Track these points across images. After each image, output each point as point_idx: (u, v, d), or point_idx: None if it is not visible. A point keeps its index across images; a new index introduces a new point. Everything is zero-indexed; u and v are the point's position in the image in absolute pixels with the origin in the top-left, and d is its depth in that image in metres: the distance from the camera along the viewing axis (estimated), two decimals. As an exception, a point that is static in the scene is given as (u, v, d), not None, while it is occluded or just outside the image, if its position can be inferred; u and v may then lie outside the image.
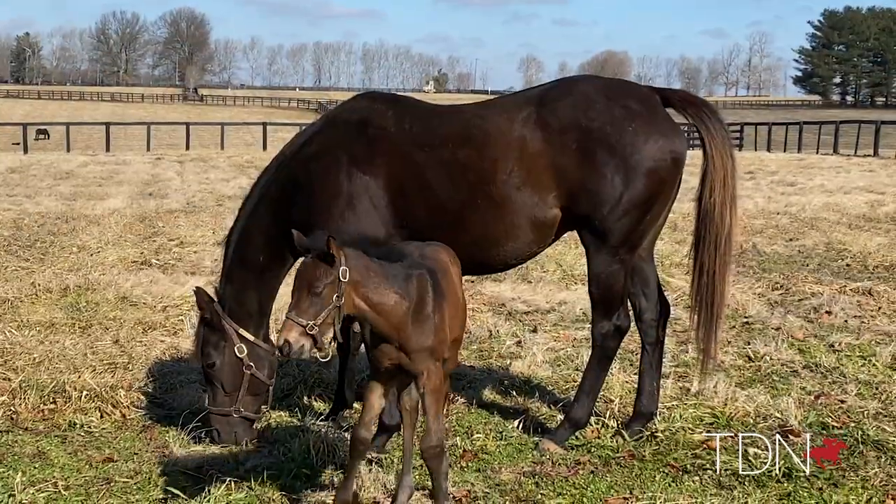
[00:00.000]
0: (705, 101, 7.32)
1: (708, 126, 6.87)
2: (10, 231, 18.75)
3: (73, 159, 44.29)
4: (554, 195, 6.70)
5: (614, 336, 6.97)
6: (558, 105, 6.73)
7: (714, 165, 6.82)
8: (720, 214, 6.83)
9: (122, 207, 23.06)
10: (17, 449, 7.17)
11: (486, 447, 7.10)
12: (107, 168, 37.93)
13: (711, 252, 6.92)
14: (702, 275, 7.01)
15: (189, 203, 24.41)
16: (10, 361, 9.19)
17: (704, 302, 7.04)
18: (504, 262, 7.08)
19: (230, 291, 7.39)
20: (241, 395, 7.29)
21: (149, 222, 20.20)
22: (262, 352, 7.36)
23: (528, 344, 9.98)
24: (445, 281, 5.60)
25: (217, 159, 44.97)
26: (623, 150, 6.58)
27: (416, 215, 6.91)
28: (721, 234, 6.87)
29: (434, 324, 5.39)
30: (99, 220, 20.28)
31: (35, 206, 23.48)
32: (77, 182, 31.30)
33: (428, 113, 7.23)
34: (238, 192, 27.30)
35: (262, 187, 7.38)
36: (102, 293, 12.37)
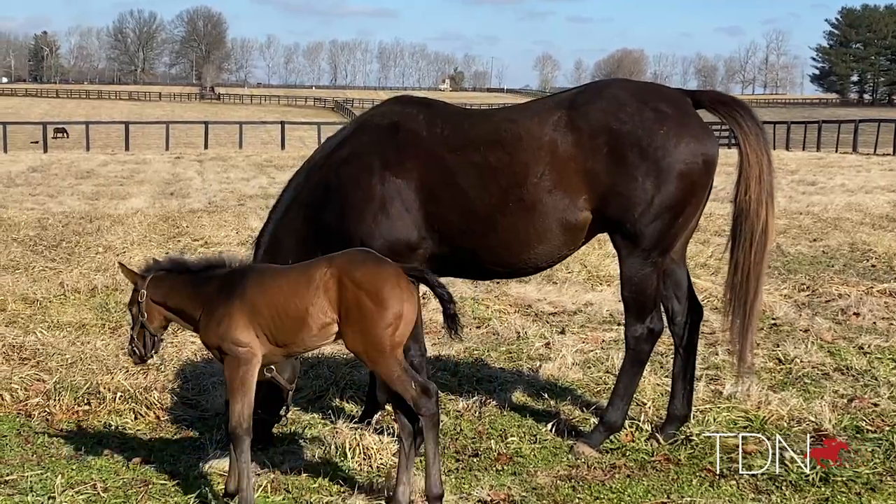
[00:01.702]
0: (736, 98, 7.30)
1: (741, 123, 6.85)
2: (35, 231, 18.87)
3: (94, 158, 44.56)
4: (584, 198, 6.71)
5: (647, 339, 6.97)
6: (589, 108, 6.73)
7: (749, 162, 6.80)
8: (755, 212, 6.79)
9: (145, 207, 23.19)
10: (53, 450, 7.22)
11: (520, 450, 7.11)
12: (127, 167, 38.14)
13: (746, 249, 6.87)
14: (736, 273, 6.97)
15: (211, 203, 24.50)
16: (44, 363, 9.27)
17: (739, 301, 6.99)
18: (534, 264, 7.09)
19: None
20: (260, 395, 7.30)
21: (172, 222, 20.29)
22: None
23: (557, 346, 9.99)
24: (260, 286, 5.86)
25: (236, 158, 45.14)
26: (654, 154, 6.58)
27: (448, 219, 6.94)
28: (756, 230, 6.81)
29: (217, 321, 5.86)
30: (123, 220, 20.39)
31: (58, 205, 23.64)
32: (98, 181, 31.47)
33: (459, 116, 7.25)
34: (258, 191, 27.44)
35: (292, 191, 7.43)
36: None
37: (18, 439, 7.44)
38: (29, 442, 7.39)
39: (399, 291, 5.63)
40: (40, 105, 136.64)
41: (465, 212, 6.88)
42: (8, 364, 9.19)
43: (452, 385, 8.73)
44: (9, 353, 9.49)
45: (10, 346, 9.69)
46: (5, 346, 9.64)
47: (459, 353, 9.83)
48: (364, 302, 5.59)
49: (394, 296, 5.60)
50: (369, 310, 5.58)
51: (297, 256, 7.33)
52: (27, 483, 6.45)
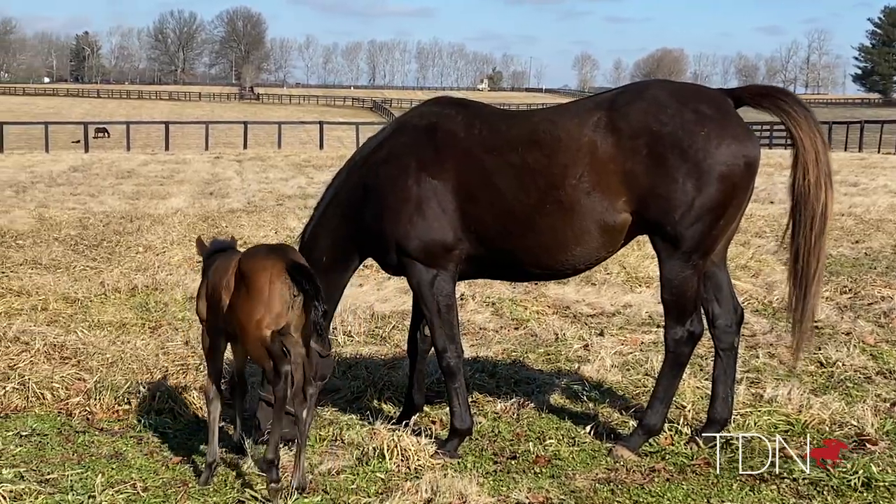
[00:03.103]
0: (777, 87, 7.19)
1: (787, 111, 6.74)
2: (76, 230, 19.06)
3: (134, 158, 44.96)
4: (624, 200, 6.66)
5: (687, 342, 6.90)
6: (629, 109, 6.68)
7: (804, 146, 6.68)
8: (815, 195, 6.65)
9: (185, 207, 23.36)
10: (94, 449, 7.27)
11: (559, 453, 7.07)
12: (167, 167, 38.43)
13: (807, 234, 6.73)
14: (797, 260, 6.85)
15: (250, 203, 24.64)
16: (84, 362, 9.33)
17: (800, 286, 6.86)
18: (573, 266, 7.05)
19: None
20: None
21: (212, 222, 20.43)
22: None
23: (596, 348, 9.94)
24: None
25: (275, 158, 45.37)
26: (695, 155, 6.51)
27: (485, 220, 6.92)
28: (817, 213, 6.68)
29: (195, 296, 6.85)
30: (163, 220, 20.56)
31: (99, 205, 23.86)
32: (139, 181, 31.74)
33: (497, 117, 7.23)
34: (297, 191, 27.57)
35: (332, 191, 7.47)
36: (170, 293, 12.52)
37: (59, 438, 7.50)
38: (69, 441, 7.44)
39: (268, 282, 6.05)
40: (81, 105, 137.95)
41: (503, 213, 6.86)
42: (49, 363, 9.26)
43: (490, 387, 8.70)
44: (50, 353, 9.55)
45: (52, 345, 9.75)
46: (46, 345, 9.70)
47: (498, 355, 9.81)
48: (242, 287, 6.17)
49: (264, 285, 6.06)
50: (243, 294, 6.15)
51: (333, 255, 7.40)
52: (68, 482, 6.50)
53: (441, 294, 7.04)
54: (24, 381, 8.48)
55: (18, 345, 9.78)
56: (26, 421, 7.84)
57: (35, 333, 10.15)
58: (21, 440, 7.40)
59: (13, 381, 8.50)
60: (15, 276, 13.68)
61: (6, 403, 8.23)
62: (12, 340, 9.91)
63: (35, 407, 8.19)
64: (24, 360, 9.33)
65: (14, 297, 12.38)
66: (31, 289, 12.76)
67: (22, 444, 7.31)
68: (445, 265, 7.02)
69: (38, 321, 11.03)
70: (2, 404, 8.22)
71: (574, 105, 7.08)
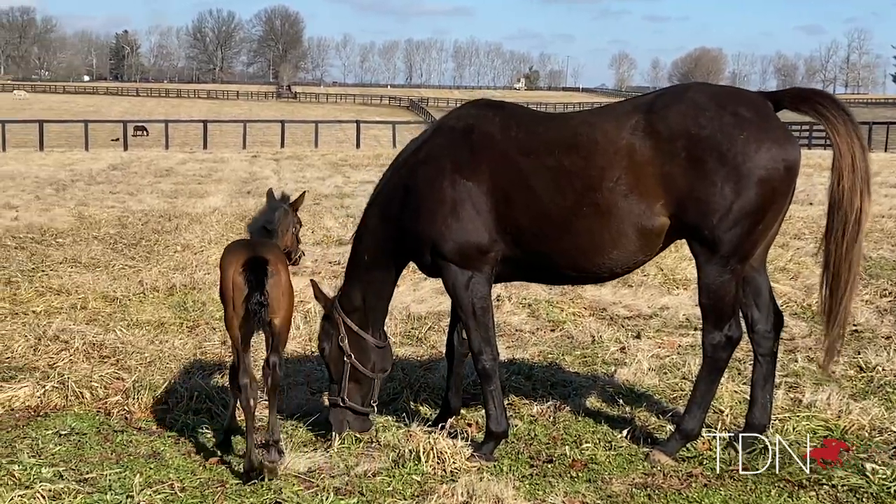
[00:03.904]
0: (818, 90, 7.10)
1: (826, 115, 6.66)
2: (115, 229, 19.22)
3: (172, 156, 45.22)
4: (662, 203, 6.61)
5: (725, 347, 6.84)
6: (667, 112, 6.63)
7: (840, 151, 6.60)
8: (849, 201, 6.56)
9: (222, 206, 23.49)
10: (132, 449, 7.31)
11: (595, 457, 7.04)
12: (205, 166, 38.64)
13: (838, 239, 6.65)
14: (828, 266, 6.78)
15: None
16: (123, 361, 9.41)
17: (832, 292, 6.79)
18: (610, 270, 7.01)
19: (343, 285, 7.73)
20: (344, 384, 7.47)
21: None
22: (364, 343, 7.52)
23: (633, 350, 9.90)
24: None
25: (311, 157, 45.51)
26: (734, 159, 6.45)
27: (520, 222, 6.90)
28: (850, 219, 6.59)
29: None
30: (200, 219, 20.68)
31: (138, 203, 24.03)
32: (177, 180, 31.94)
33: (534, 119, 7.21)
34: (334, 190, 27.65)
35: (376, 191, 7.53)
36: (208, 293, 12.58)
37: (98, 437, 7.55)
38: (108, 440, 7.50)
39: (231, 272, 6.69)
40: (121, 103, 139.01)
41: (539, 215, 6.84)
42: (88, 362, 9.35)
43: (526, 389, 8.68)
44: (89, 351, 9.65)
45: (91, 343, 9.85)
46: (86, 343, 9.80)
47: (534, 357, 9.79)
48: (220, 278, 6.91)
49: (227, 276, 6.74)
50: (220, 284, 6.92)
51: (374, 255, 7.47)
52: (106, 481, 6.54)
53: (476, 296, 7.04)
54: (63, 380, 8.57)
55: (58, 343, 9.89)
56: (65, 420, 7.90)
57: (74, 332, 10.25)
58: (60, 439, 7.46)
59: (53, 379, 8.59)
60: (55, 275, 13.82)
61: (46, 402, 8.31)
62: (52, 339, 10.01)
63: (74, 406, 8.26)
64: (63, 358, 9.44)
65: (54, 295, 12.51)
66: (71, 287, 12.89)
67: (61, 442, 7.37)
68: (481, 267, 7.01)
69: (77, 320, 11.13)
70: (41, 402, 8.30)
71: (612, 108, 7.04)
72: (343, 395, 7.48)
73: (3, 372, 9.09)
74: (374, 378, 7.55)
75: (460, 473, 6.65)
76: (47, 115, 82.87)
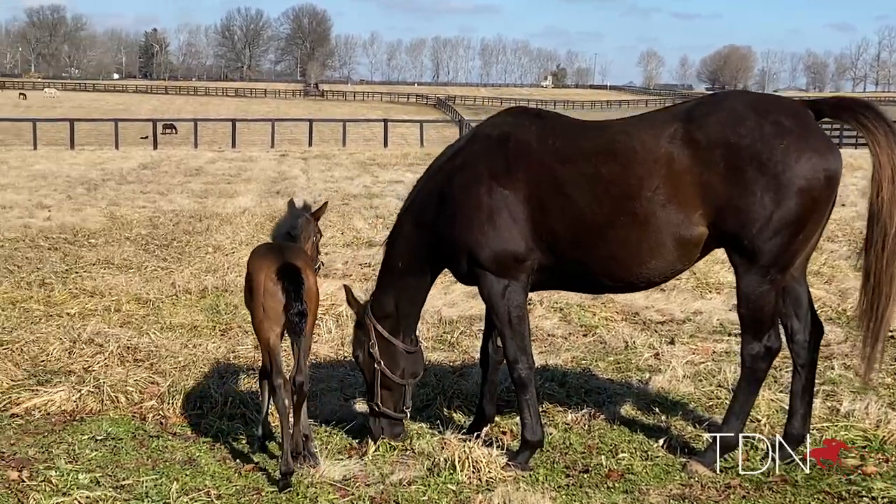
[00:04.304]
0: (859, 100, 7.00)
1: (867, 125, 6.57)
2: (147, 230, 19.32)
3: (202, 155, 45.39)
4: (700, 213, 6.56)
5: (764, 358, 6.77)
6: (706, 121, 6.57)
7: (880, 163, 6.51)
8: (888, 213, 6.49)
9: (252, 206, 23.55)
10: (167, 455, 7.33)
11: (632, 467, 6.99)
12: (234, 165, 38.78)
13: (878, 252, 6.56)
14: (868, 278, 6.71)
15: (316, 202, 24.64)
16: (157, 365, 9.45)
17: (871, 304, 6.72)
18: (647, 279, 6.96)
19: (375, 291, 7.70)
20: (376, 390, 7.49)
21: (279, 222, 20.50)
22: (394, 349, 7.50)
23: (667, 356, 9.84)
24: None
25: (339, 156, 45.57)
26: (774, 169, 6.38)
27: (557, 230, 6.86)
28: (889, 233, 6.50)
29: None
30: (231, 220, 20.74)
31: (168, 203, 24.14)
32: (207, 179, 32.06)
33: (571, 128, 7.17)
34: (362, 190, 27.65)
35: (411, 197, 7.52)
36: (240, 295, 12.56)
37: (133, 443, 7.57)
38: (144, 446, 7.52)
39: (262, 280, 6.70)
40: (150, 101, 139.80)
41: (576, 224, 6.80)
42: (123, 366, 9.40)
43: (560, 396, 8.64)
44: (124, 355, 9.69)
45: (125, 347, 9.90)
46: (120, 347, 9.85)
47: (567, 363, 9.75)
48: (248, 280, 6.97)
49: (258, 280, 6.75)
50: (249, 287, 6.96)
51: (408, 261, 7.46)
52: (143, 488, 6.56)
53: (512, 305, 7.01)
54: (98, 384, 8.61)
55: (93, 346, 9.95)
56: (101, 424, 7.94)
57: (109, 335, 10.31)
58: (96, 444, 7.49)
59: (88, 383, 8.64)
60: (88, 277, 13.91)
61: (81, 406, 8.36)
62: (87, 342, 10.07)
63: (109, 410, 8.31)
64: (98, 361, 9.50)
65: (88, 297, 12.59)
66: (105, 289, 12.97)
67: (97, 448, 7.40)
68: (517, 276, 6.98)
69: (111, 322, 11.19)
70: (77, 407, 8.34)
71: (650, 116, 6.99)
72: (376, 402, 7.47)
73: (40, 375, 9.16)
74: (404, 384, 7.53)
75: (496, 483, 6.63)
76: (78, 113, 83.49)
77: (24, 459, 7.12)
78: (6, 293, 12.81)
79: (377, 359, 7.46)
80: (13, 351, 9.84)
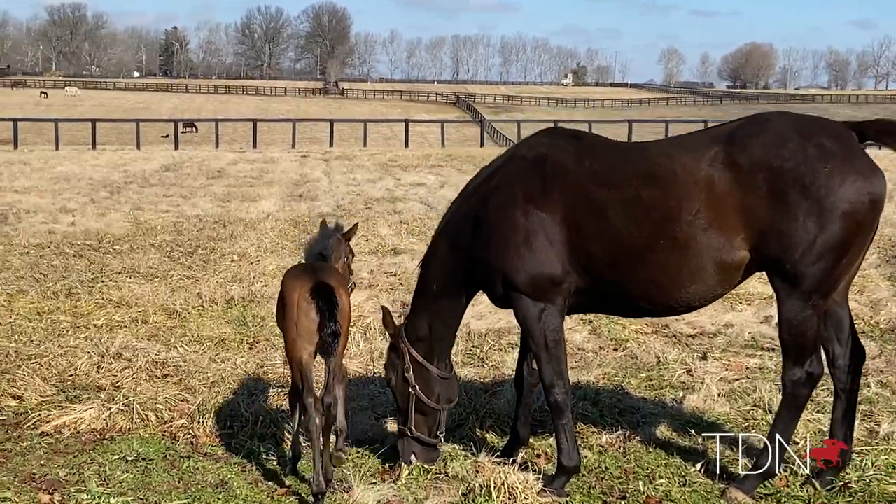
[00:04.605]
0: None
1: None
2: (171, 236, 19.30)
3: (223, 156, 45.46)
4: (742, 237, 6.44)
5: (806, 384, 6.65)
6: (748, 143, 6.45)
7: None
8: None
9: (275, 210, 23.51)
10: (199, 477, 7.26)
11: (670, 493, 6.87)
12: (256, 167, 38.79)
13: None
14: None
15: (339, 206, 24.67)
16: (185, 381, 9.38)
17: None
18: (687, 303, 6.85)
19: (410, 314, 7.61)
20: (410, 415, 7.37)
21: (302, 227, 20.50)
22: (428, 374, 7.41)
23: (699, 373, 9.72)
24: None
25: (361, 157, 45.54)
26: (817, 192, 6.26)
27: (595, 254, 6.75)
28: None
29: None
30: (255, 225, 20.71)
31: (192, 207, 24.13)
32: (229, 181, 32.07)
33: (610, 150, 7.06)
34: (385, 194, 27.59)
35: (445, 219, 7.42)
36: (267, 306, 12.55)
37: (164, 464, 7.50)
38: (175, 467, 7.45)
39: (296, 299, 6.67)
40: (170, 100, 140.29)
41: (614, 248, 6.69)
42: (152, 381, 9.33)
43: (594, 416, 8.52)
44: (152, 370, 9.63)
45: (154, 362, 9.83)
46: (148, 362, 9.78)
47: (599, 380, 9.63)
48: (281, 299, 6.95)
49: (291, 300, 6.72)
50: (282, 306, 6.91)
51: (443, 284, 7.36)
52: (175, 513, 6.50)
53: (549, 328, 6.90)
54: (128, 402, 8.53)
55: (121, 361, 9.89)
56: (131, 444, 7.87)
57: (137, 349, 10.25)
58: (127, 465, 7.43)
59: (118, 401, 8.56)
60: (114, 286, 13.87)
61: (111, 424, 8.29)
62: (115, 356, 10.02)
63: (139, 429, 8.23)
64: (126, 377, 9.45)
65: (114, 308, 12.55)
66: (131, 299, 12.93)
67: (128, 469, 7.34)
68: (553, 299, 6.88)
69: (138, 335, 11.14)
70: (107, 425, 8.28)
71: (690, 138, 6.89)
72: (410, 426, 7.38)
73: (68, 391, 9.11)
74: (439, 409, 7.44)
75: (529, 509, 6.53)
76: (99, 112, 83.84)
77: (56, 481, 7.08)
78: (33, 303, 12.80)
79: (411, 383, 7.37)
80: (41, 365, 9.78)
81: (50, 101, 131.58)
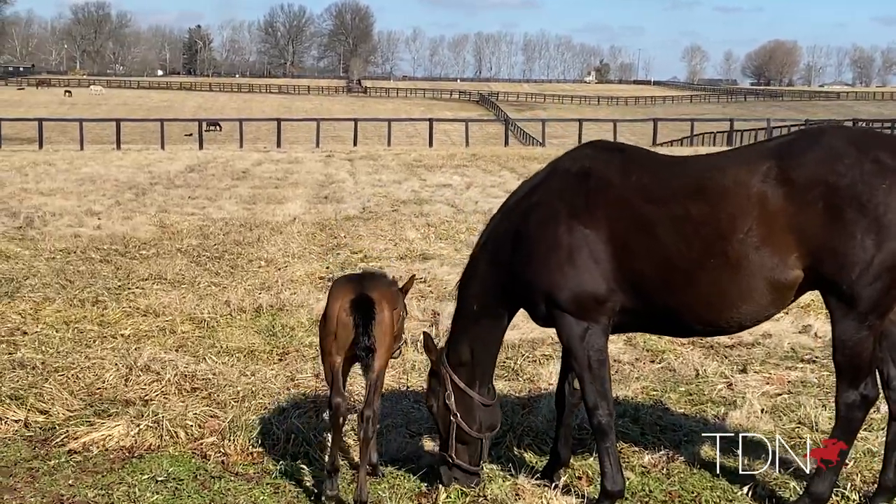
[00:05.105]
0: None
1: None
2: (197, 240, 19.14)
3: (248, 156, 45.38)
4: (795, 256, 6.19)
5: (860, 407, 6.38)
6: (802, 159, 6.19)
7: None
8: None
9: (301, 213, 23.33)
10: (230, 499, 7.06)
11: (718, 520, 6.65)
12: (280, 167, 38.68)
13: None
14: None
15: (365, 208, 24.47)
16: (215, 395, 9.18)
17: None
18: (738, 323, 6.59)
19: (450, 337, 7.35)
20: (451, 442, 7.13)
21: (330, 231, 20.32)
22: (470, 401, 7.16)
23: (740, 387, 9.47)
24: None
25: (385, 157, 45.34)
26: (875, 210, 6.00)
27: (641, 272, 6.50)
28: None
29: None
30: (281, 229, 20.54)
31: (217, 210, 23.98)
32: (254, 183, 31.95)
33: (657, 164, 6.80)
34: (411, 195, 27.39)
35: (485, 236, 7.18)
36: (296, 315, 12.37)
37: (195, 484, 7.31)
38: (206, 487, 7.25)
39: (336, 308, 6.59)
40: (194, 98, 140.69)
41: (661, 266, 6.44)
42: (181, 395, 9.15)
43: (635, 434, 8.26)
44: (181, 383, 9.43)
45: (182, 375, 9.63)
46: (177, 375, 9.58)
47: (637, 395, 9.38)
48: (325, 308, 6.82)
49: (332, 310, 6.61)
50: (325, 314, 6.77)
51: (483, 302, 7.12)
52: (208, 539, 6.31)
53: (593, 349, 6.67)
54: (157, 419, 8.34)
55: (150, 374, 9.70)
56: (161, 462, 7.68)
57: (165, 361, 10.05)
58: (157, 486, 7.24)
59: (147, 417, 8.37)
60: (141, 293, 13.71)
61: (140, 442, 8.10)
62: (143, 369, 9.83)
63: (169, 446, 8.03)
64: (155, 390, 9.27)
65: (142, 317, 12.39)
66: (158, 308, 12.76)
67: (158, 490, 7.16)
68: (597, 318, 6.64)
69: (167, 346, 10.97)
70: (136, 443, 8.09)
71: (740, 152, 6.63)
72: (451, 454, 7.15)
73: (96, 405, 8.93)
74: (481, 437, 7.20)
75: (576, 536, 6.31)
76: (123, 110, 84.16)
77: (84, 503, 6.91)
78: (59, 311, 12.65)
79: (453, 411, 7.14)
80: (69, 378, 9.60)
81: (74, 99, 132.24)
